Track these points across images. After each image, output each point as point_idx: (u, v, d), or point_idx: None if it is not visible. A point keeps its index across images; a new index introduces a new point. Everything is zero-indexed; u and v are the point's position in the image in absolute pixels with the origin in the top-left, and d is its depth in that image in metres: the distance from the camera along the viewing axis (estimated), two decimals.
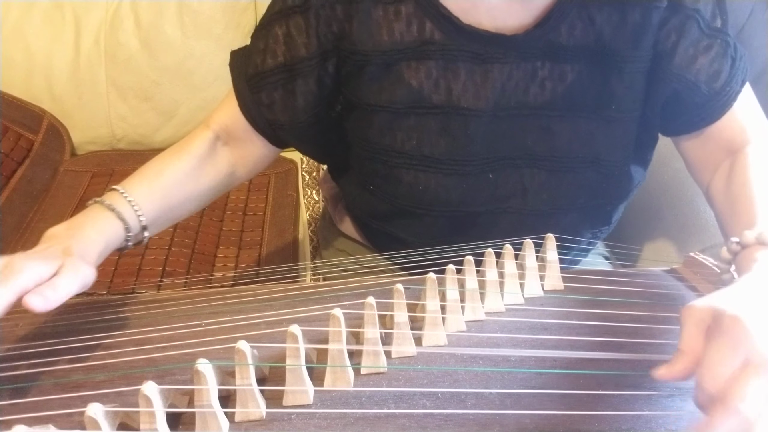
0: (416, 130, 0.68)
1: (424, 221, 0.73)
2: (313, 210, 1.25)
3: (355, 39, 0.66)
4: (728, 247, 0.56)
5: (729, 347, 0.39)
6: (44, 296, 0.49)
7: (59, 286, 0.51)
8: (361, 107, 0.70)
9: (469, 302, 0.57)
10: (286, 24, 0.68)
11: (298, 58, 0.68)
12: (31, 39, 1.29)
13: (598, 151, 0.69)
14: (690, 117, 0.70)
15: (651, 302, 0.59)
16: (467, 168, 0.69)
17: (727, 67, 0.67)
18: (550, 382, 0.49)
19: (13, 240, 1.08)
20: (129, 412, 0.43)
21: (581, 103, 0.68)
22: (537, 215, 0.72)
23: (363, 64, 0.67)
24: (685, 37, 0.66)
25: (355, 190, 0.79)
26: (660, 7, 0.65)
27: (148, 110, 1.34)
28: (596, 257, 0.88)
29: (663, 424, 0.46)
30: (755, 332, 0.39)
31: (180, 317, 0.58)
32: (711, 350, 0.40)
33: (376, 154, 0.71)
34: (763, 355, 0.38)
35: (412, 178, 0.70)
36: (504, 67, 0.66)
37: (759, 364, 0.38)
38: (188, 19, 1.29)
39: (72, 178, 1.27)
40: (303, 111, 0.71)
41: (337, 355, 0.48)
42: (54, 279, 0.51)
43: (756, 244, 0.53)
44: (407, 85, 0.67)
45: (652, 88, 0.68)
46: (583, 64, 0.66)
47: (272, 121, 0.72)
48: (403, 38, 0.66)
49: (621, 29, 0.65)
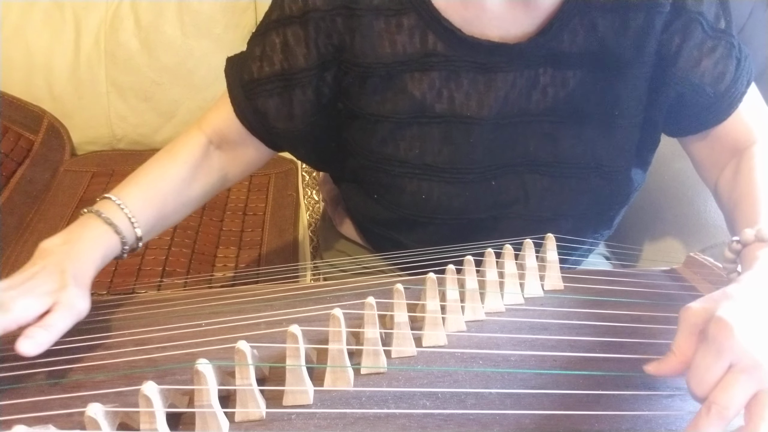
0: (419, 139, 0.68)
1: (427, 229, 0.73)
2: (313, 210, 1.25)
3: (357, 51, 0.66)
4: (730, 246, 0.56)
5: (713, 353, 0.41)
6: (35, 340, 0.49)
7: (51, 326, 0.50)
8: (363, 117, 0.70)
9: (469, 302, 0.57)
10: (284, 33, 0.67)
11: (296, 68, 0.68)
12: (31, 39, 1.29)
13: (600, 157, 0.69)
14: (696, 119, 0.69)
15: (651, 302, 0.59)
16: (470, 176, 0.69)
17: (732, 68, 0.67)
18: (550, 382, 0.49)
19: (13, 240, 1.08)
20: (129, 412, 0.43)
21: (583, 109, 0.67)
22: (539, 221, 0.71)
23: (365, 75, 0.67)
24: (689, 39, 0.65)
25: (356, 196, 0.79)
26: (663, 12, 0.65)
27: (148, 110, 1.34)
28: (596, 257, 0.88)
29: (663, 424, 0.46)
30: (741, 336, 0.41)
31: (180, 317, 0.58)
32: (698, 355, 0.42)
33: (378, 163, 0.71)
34: (748, 358, 0.40)
35: (415, 186, 0.70)
36: (507, 76, 0.66)
37: (742, 369, 0.40)
38: (188, 19, 1.29)
39: (72, 178, 1.27)
40: (300, 119, 0.70)
41: (337, 355, 0.48)
42: (47, 318, 0.51)
43: (756, 241, 0.54)
44: (410, 96, 0.67)
45: (656, 91, 0.68)
46: (585, 70, 0.66)
47: (268, 127, 0.72)
48: (405, 50, 0.65)
49: (623, 34, 0.65)
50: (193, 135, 0.72)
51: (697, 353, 0.42)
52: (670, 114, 0.70)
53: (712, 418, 0.39)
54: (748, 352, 0.40)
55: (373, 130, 0.69)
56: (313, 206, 1.26)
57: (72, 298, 0.53)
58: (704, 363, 0.41)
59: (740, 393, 0.40)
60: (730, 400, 0.39)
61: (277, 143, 0.74)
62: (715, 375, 0.41)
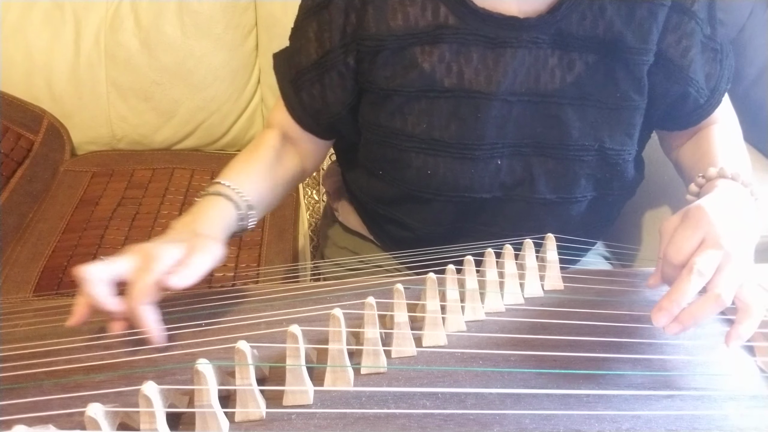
0: (427, 113, 0.69)
1: (431, 206, 0.74)
2: (313, 210, 1.25)
3: (370, 24, 0.67)
4: (695, 181, 0.65)
5: (690, 228, 0.52)
6: (180, 274, 0.54)
7: (192, 263, 0.55)
8: (372, 92, 0.71)
9: (469, 302, 0.57)
10: (316, 21, 0.70)
11: (324, 52, 0.71)
12: (31, 39, 1.29)
13: (604, 140, 0.70)
14: (687, 116, 0.74)
15: (651, 302, 0.59)
16: (476, 152, 0.69)
17: (718, 68, 0.72)
18: (550, 382, 0.49)
19: (13, 240, 1.08)
20: (129, 412, 0.43)
21: (588, 93, 0.69)
22: (543, 204, 0.72)
23: (377, 49, 0.68)
24: (695, 43, 0.69)
25: (363, 176, 0.80)
26: (665, 6, 0.67)
27: (148, 110, 1.34)
28: (596, 257, 0.88)
29: (663, 424, 0.46)
30: (714, 217, 0.52)
31: (180, 317, 0.58)
32: (677, 232, 0.53)
33: (386, 137, 0.72)
34: (717, 234, 0.51)
35: (421, 162, 0.70)
36: (516, 52, 0.67)
37: (714, 240, 0.51)
38: (188, 19, 1.29)
39: (72, 178, 1.27)
40: (338, 103, 0.73)
41: (337, 355, 0.48)
42: (187, 258, 0.56)
43: (718, 177, 0.62)
44: (419, 69, 0.68)
45: (664, 88, 0.70)
46: (591, 54, 0.68)
47: (316, 117, 0.75)
48: (417, 23, 0.67)
49: (629, 22, 0.67)
50: (266, 132, 0.78)
51: (677, 229, 0.53)
52: (669, 111, 0.73)
53: (693, 279, 0.49)
54: (719, 230, 0.51)
55: (382, 105, 0.71)
56: (313, 206, 1.26)
57: (206, 241, 0.59)
58: (683, 235, 0.52)
59: (712, 258, 0.50)
60: (704, 260, 0.49)
61: (326, 132, 0.78)
62: (691, 245, 0.51)
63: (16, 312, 0.63)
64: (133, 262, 0.55)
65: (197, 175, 1.27)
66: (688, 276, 0.49)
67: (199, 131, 1.37)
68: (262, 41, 1.33)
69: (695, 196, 0.64)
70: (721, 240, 0.50)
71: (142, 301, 0.53)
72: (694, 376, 0.51)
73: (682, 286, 0.49)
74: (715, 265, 0.50)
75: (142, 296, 0.53)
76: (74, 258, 1.03)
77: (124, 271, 0.55)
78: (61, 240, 1.08)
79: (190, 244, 0.58)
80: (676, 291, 0.49)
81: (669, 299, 0.49)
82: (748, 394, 0.50)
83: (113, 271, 0.54)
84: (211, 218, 0.64)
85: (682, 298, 0.48)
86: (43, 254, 1.05)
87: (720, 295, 0.48)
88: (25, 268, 1.02)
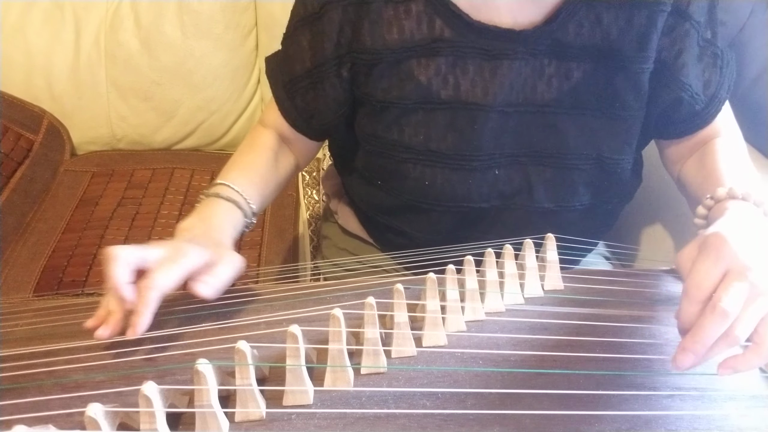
0: (424, 125, 0.69)
1: (429, 216, 0.74)
2: (313, 210, 1.25)
3: (365, 38, 0.67)
4: (703, 203, 0.62)
5: (711, 259, 0.47)
6: (209, 284, 0.55)
7: (220, 273, 0.56)
8: (369, 104, 0.71)
9: (469, 302, 0.57)
10: (309, 30, 0.70)
11: (318, 62, 0.71)
12: (31, 39, 1.29)
13: (602, 149, 0.70)
14: (684, 124, 0.73)
15: (651, 302, 0.59)
16: (473, 163, 0.69)
17: (717, 75, 0.70)
18: (550, 382, 0.49)
19: (13, 240, 1.08)
20: (129, 412, 0.43)
21: (586, 101, 0.68)
22: (542, 213, 0.72)
23: (373, 62, 0.68)
24: (689, 47, 0.68)
25: (361, 184, 0.80)
26: (665, 11, 0.66)
27: (148, 110, 1.34)
28: (596, 257, 0.88)
29: (663, 424, 0.46)
30: (734, 245, 0.47)
31: (180, 317, 0.58)
32: (696, 264, 0.48)
33: (383, 149, 0.72)
34: (742, 263, 0.46)
35: (419, 173, 0.70)
36: (513, 64, 0.66)
37: (739, 272, 0.45)
38: (188, 19, 1.29)
39: (72, 178, 1.27)
40: (331, 112, 0.74)
41: (337, 355, 0.48)
42: (214, 267, 0.56)
43: (727, 198, 0.59)
44: (416, 82, 0.67)
45: (656, 93, 0.70)
46: (589, 62, 0.67)
47: (309, 123, 0.76)
48: (413, 36, 0.66)
49: (627, 30, 0.66)
50: (263, 132, 0.79)
51: (696, 261, 0.48)
52: (663, 117, 0.72)
53: (717, 317, 0.44)
54: (742, 258, 0.46)
55: (379, 117, 0.71)
56: (313, 206, 1.26)
57: (230, 253, 0.60)
58: (703, 268, 0.47)
59: (738, 293, 0.44)
60: (731, 298, 0.44)
61: (319, 136, 0.80)
62: (712, 279, 0.46)
63: (16, 312, 0.63)
64: (162, 252, 0.55)
65: (197, 175, 1.27)
66: (712, 315, 0.44)
67: (199, 131, 1.37)
68: (262, 41, 1.34)
69: (704, 219, 0.62)
70: (748, 272, 0.45)
71: (160, 289, 0.52)
72: (694, 376, 0.51)
73: (706, 325, 0.44)
74: (741, 301, 0.45)
75: (163, 284, 0.52)
76: (74, 258, 1.03)
77: (152, 259, 0.54)
78: (61, 240, 1.08)
79: (217, 253, 0.58)
80: (700, 331, 0.44)
81: (693, 340, 0.45)
82: (748, 394, 0.50)
83: (141, 256, 0.54)
84: (225, 227, 0.65)
85: (707, 339, 0.44)
86: (43, 254, 1.05)
87: (739, 337, 0.45)
88: (25, 268, 1.02)
